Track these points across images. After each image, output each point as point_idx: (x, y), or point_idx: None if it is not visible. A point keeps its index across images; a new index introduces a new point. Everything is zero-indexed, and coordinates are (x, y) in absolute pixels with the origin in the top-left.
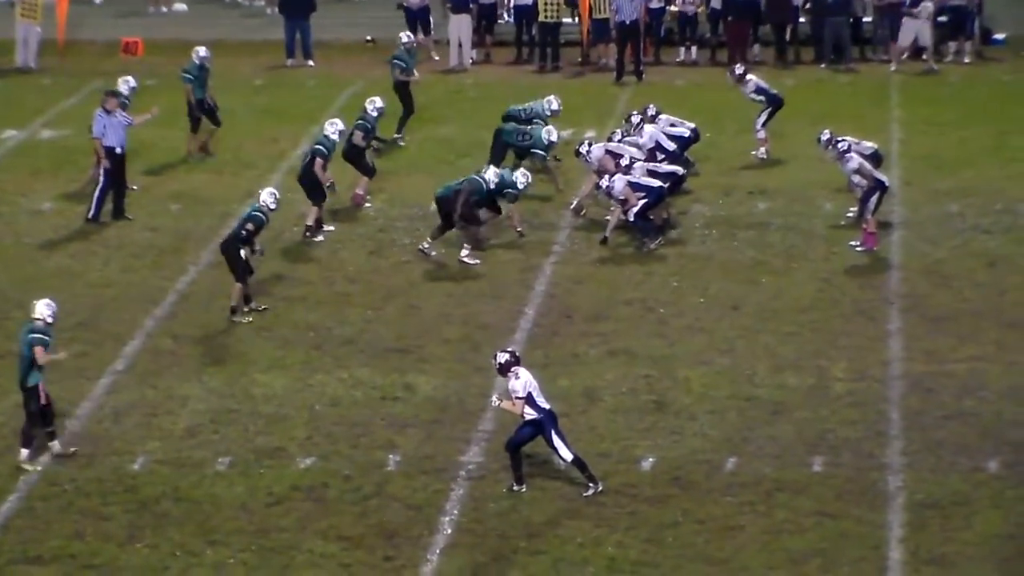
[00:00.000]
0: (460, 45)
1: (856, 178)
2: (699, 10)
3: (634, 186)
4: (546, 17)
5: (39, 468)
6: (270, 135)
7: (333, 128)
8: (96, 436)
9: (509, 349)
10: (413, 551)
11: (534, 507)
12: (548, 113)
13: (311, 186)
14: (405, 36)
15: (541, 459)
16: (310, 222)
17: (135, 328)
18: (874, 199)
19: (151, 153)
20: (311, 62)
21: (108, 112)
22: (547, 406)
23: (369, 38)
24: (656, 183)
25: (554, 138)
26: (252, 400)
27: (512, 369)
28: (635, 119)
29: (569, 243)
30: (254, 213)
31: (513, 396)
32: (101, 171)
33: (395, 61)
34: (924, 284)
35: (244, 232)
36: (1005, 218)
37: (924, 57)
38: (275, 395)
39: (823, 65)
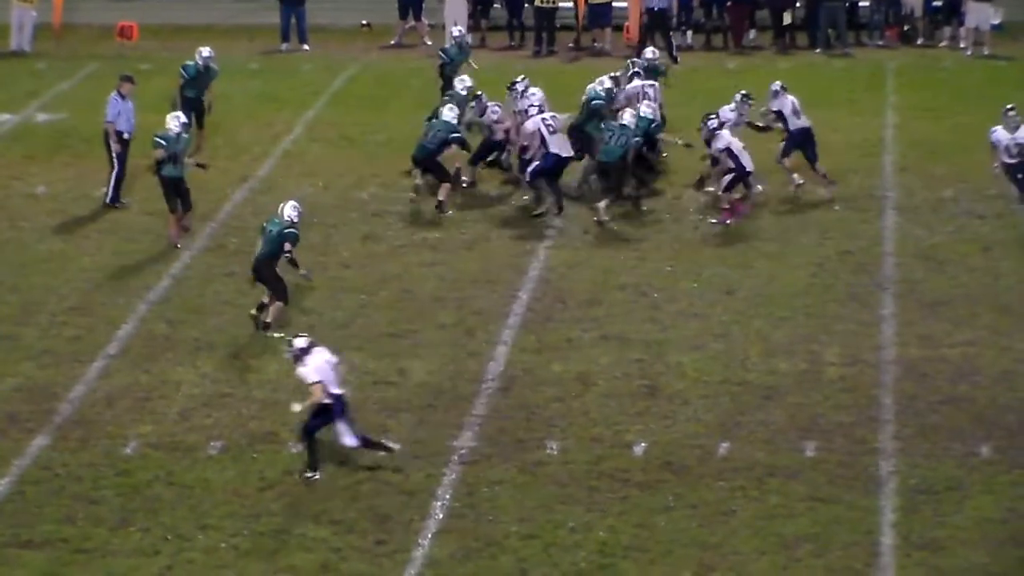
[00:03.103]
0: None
1: (721, 157)
2: None
3: (538, 136)
4: (542, 2)
5: None
6: (265, 120)
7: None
8: (89, 420)
9: (304, 335)
10: (405, 535)
11: (526, 492)
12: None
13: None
14: (456, 31)
15: (533, 445)
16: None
17: (128, 312)
18: (728, 179)
19: (146, 138)
20: (306, 46)
21: (123, 97)
22: (339, 392)
23: (364, 22)
24: (558, 152)
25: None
26: (245, 385)
27: (305, 357)
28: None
29: (563, 228)
30: (287, 232)
31: (307, 382)
32: (114, 156)
33: (439, 52)
34: (918, 269)
35: (286, 252)
36: (999, 203)
37: (963, 45)
38: (268, 380)
39: (818, 50)
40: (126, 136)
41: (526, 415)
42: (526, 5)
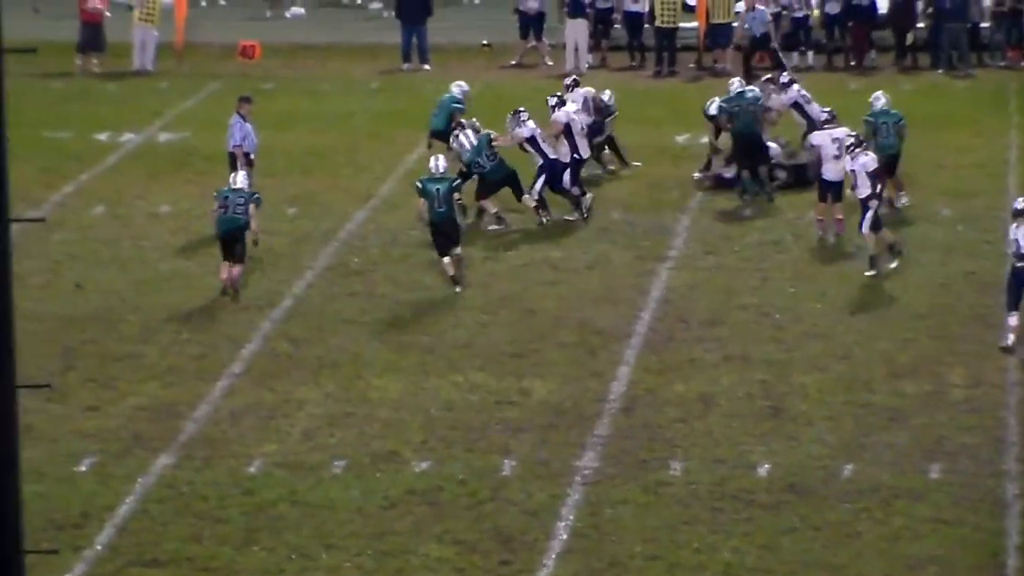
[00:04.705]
0: (576, 50)
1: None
2: (813, 14)
3: (533, 143)
4: (663, 22)
5: None
6: (387, 138)
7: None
8: (213, 439)
9: None
10: (529, 556)
11: (650, 512)
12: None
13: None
14: (737, 82)
15: (656, 465)
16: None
17: (251, 331)
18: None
19: (268, 157)
20: (427, 66)
21: (243, 118)
22: None
23: (485, 42)
24: (552, 155)
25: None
26: (368, 404)
27: None
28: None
29: (685, 248)
30: (456, 184)
31: None
32: None
33: (722, 105)
34: None
35: (458, 201)
36: None
37: None
38: (390, 399)
39: (941, 70)
40: (251, 157)
41: (649, 435)
42: (647, 25)
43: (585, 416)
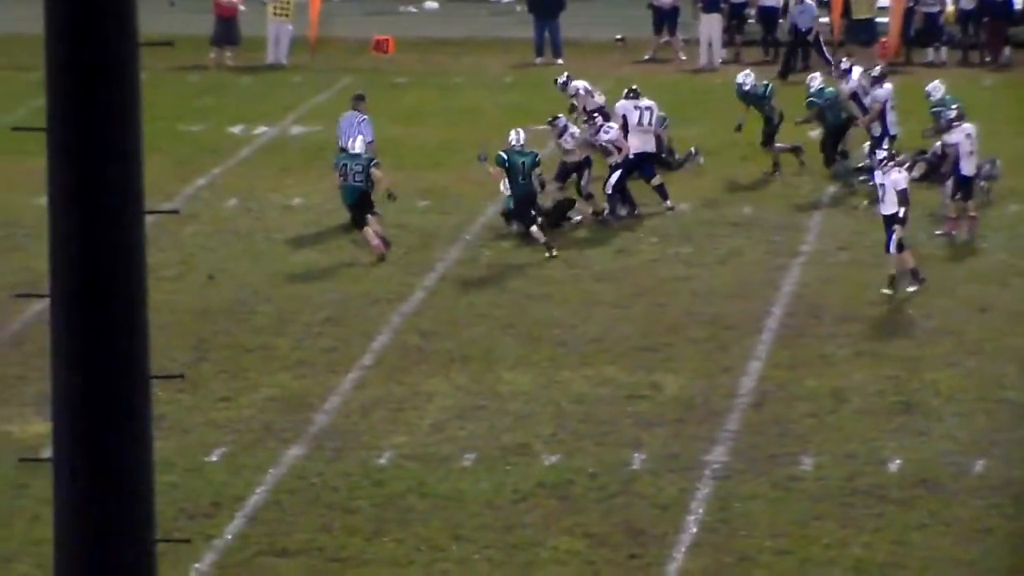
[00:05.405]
0: (710, 44)
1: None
2: (947, 11)
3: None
4: None
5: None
6: None
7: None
8: (343, 431)
9: None
10: (659, 550)
11: (780, 507)
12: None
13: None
14: (819, 78)
15: (786, 460)
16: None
17: (382, 324)
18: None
19: (399, 151)
20: (560, 60)
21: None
22: None
23: (619, 36)
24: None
25: None
26: (498, 397)
27: None
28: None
29: (817, 243)
30: (538, 159)
31: None
32: None
33: (813, 100)
34: None
35: (538, 176)
36: None
37: None
38: (521, 392)
39: None
40: None
41: (779, 430)
42: (780, 20)
43: (715, 411)
